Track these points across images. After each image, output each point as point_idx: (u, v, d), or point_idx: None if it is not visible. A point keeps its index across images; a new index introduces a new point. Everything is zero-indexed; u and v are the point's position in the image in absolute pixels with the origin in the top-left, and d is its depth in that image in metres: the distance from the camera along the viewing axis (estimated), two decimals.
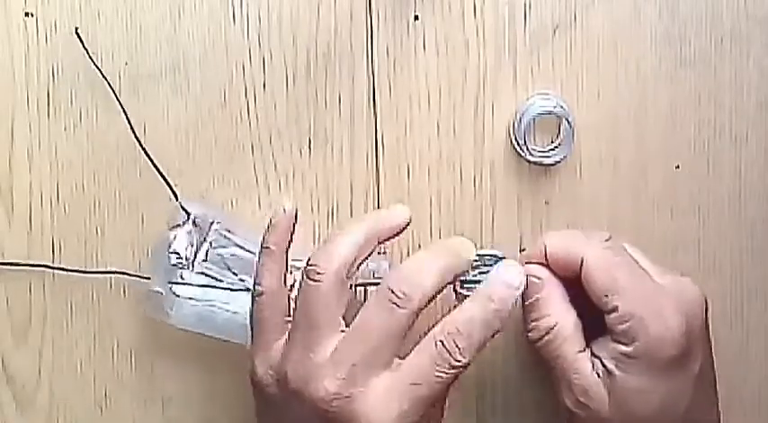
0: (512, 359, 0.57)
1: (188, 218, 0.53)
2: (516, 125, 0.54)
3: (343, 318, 0.48)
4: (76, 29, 0.54)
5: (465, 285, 0.50)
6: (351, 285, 0.49)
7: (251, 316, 0.50)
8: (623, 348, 0.47)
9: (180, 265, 0.53)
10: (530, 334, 0.50)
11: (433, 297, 0.47)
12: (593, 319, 0.49)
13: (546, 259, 0.50)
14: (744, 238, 0.57)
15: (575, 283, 0.49)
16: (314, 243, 0.55)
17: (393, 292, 0.46)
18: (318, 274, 0.47)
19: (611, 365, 0.48)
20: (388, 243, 0.52)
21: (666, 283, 0.49)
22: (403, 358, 0.47)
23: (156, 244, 0.54)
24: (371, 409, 0.45)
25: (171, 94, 0.55)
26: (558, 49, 0.55)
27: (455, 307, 0.48)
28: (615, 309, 0.47)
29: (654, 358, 0.47)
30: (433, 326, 0.47)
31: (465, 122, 0.55)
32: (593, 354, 0.48)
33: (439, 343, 0.46)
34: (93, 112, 0.55)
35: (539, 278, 0.50)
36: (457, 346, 0.46)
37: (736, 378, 0.58)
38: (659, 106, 0.56)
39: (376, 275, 0.53)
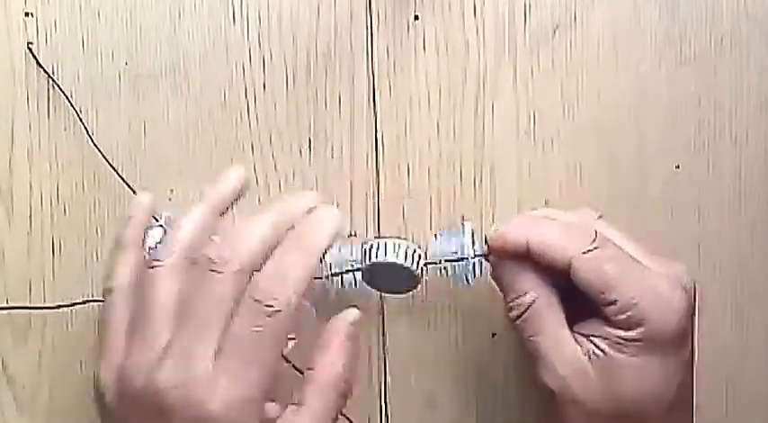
0: (512, 357, 0.57)
1: (157, 222, 0.53)
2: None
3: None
4: (29, 44, 0.54)
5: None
6: (327, 276, 0.50)
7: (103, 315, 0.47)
8: (624, 333, 0.47)
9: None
10: (511, 313, 0.49)
11: (256, 260, 0.44)
12: (576, 300, 0.49)
13: (528, 253, 0.49)
14: (744, 238, 0.57)
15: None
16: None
17: (211, 259, 0.43)
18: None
19: (604, 345, 0.47)
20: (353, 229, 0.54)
21: (654, 265, 0.49)
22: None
23: None
24: (201, 394, 0.42)
25: (171, 94, 0.55)
26: (558, 49, 0.55)
27: None
28: (613, 302, 0.47)
29: (657, 338, 0.47)
30: None
31: (465, 122, 0.55)
32: (581, 334, 0.48)
33: (249, 299, 0.43)
34: (93, 112, 0.55)
35: (513, 261, 0.49)
36: (264, 290, 0.43)
37: (737, 378, 0.58)
38: (659, 106, 0.56)
39: (350, 261, 0.52)
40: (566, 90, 0.55)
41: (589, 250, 0.48)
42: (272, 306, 0.43)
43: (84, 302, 0.55)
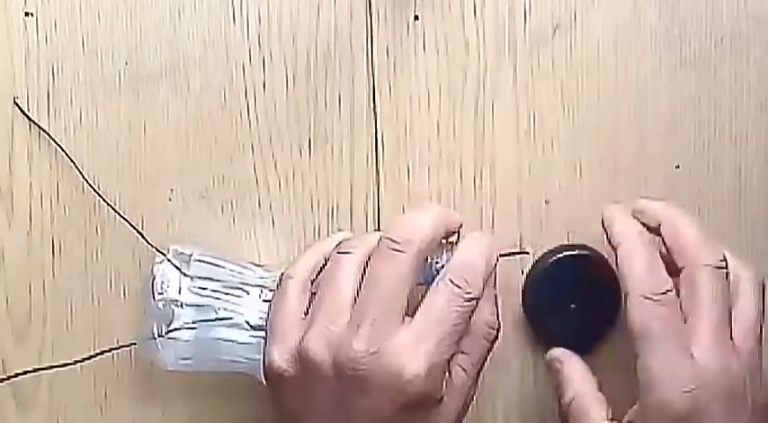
0: (514, 357, 0.57)
1: (164, 257, 0.53)
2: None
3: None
4: (15, 98, 0.54)
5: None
6: (429, 282, 0.50)
7: (272, 301, 0.51)
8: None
9: (166, 307, 0.52)
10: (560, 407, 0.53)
11: (431, 247, 0.48)
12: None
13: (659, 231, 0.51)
14: (744, 238, 0.57)
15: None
16: (316, 239, 0.55)
17: (392, 240, 0.48)
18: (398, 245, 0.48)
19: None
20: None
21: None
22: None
23: (143, 288, 0.54)
24: (400, 358, 0.46)
25: (171, 94, 0.55)
26: (558, 49, 0.55)
27: None
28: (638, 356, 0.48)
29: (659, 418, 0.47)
30: None
31: (465, 122, 0.55)
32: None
33: (449, 281, 0.47)
34: (93, 112, 0.55)
35: (559, 359, 0.53)
36: (466, 280, 0.47)
37: None
38: (659, 106, 0.56)
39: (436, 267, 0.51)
40: (566, 90, 0.55)
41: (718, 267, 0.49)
42: (470, 293, 0.47)
43: (101, 353, 0.55)
